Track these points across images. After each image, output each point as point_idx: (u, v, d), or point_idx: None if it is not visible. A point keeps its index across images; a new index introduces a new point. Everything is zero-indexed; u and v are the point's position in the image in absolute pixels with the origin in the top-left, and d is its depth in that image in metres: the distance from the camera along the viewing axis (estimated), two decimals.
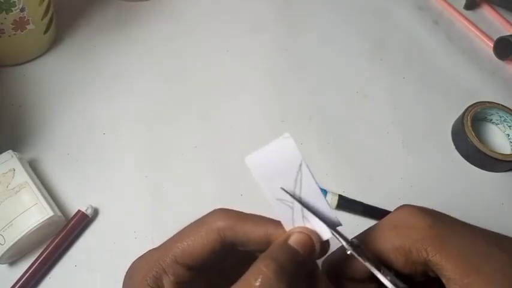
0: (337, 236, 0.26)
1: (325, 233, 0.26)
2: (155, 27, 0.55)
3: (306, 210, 0.26)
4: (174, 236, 0.27)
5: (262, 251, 0.26)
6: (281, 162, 0.25)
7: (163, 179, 0.44)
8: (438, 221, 0.27)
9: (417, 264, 0.26)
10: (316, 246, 0.25)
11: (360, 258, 0.25)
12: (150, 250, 0.28)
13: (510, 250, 0.26)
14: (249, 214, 0.27)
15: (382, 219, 0.29)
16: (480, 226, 0.44)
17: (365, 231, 0.29)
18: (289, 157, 0.25)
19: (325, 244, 0.26)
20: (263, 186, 0.26)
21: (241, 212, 0.27)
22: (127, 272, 0.28)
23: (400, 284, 0.25)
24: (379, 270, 0.25)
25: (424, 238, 0.26)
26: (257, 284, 0.22)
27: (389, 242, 0.27)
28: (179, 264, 0.26)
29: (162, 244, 0.27)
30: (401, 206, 0.29)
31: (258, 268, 0.23)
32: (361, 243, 0.27)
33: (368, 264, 0.25)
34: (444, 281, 0.26)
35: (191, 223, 0.27)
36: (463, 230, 0.27)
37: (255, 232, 0.26)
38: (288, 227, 0.26)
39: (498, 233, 0.28)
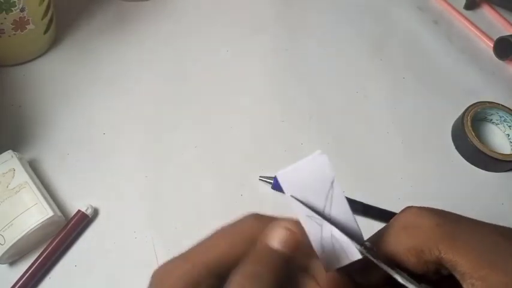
0: (350, 239, 0.25)
1: (352, 253, 0.25)
2: (155, 27, 0.55)
3: (334, 229, 0.26)
4: (203, 243, 0.25)
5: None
6: (313, 179, 0.25)
7: (163, 179, 0.44)
8: (445, 219, 0.27)
9: (429, 263, 0.27)
10: (301, 239, 0.24)
11: (375, 261, 0.25)
12: (175, 259, 0.25)
13: None
14: (282, 218, 0.26)
15: (389, 222, 0.29)
16: None
17: (374, 235, 0.29)
18: (321, 174, 0.25)
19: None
20: (293, 202, 0.25)
21: (275, 217, 0.26)
22: (150, 284, 0.25)
23: (416, 283, 0.25)
24: (394, 271, 0.26)
25: (434, 237, 0.26)
26: None
27: (400, 244, 0.27)
28: (213, 276, 0.24)
29: (189, 252, 0.25)
30: (406, 208, 0.29)
31: (234, 280, 0.22)
32: (373, 246, 0.27)
33: (384, 266, 0.25)
34: (459, 277, 0.26)
35: (222, 229, 0.25)
36: (469, 226, 0.27)
37: None
38: (315, 244, 0.26)
39: (502, 225, 0.28)
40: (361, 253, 0.25)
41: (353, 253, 0.25)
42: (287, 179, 0.25)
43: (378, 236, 0.28)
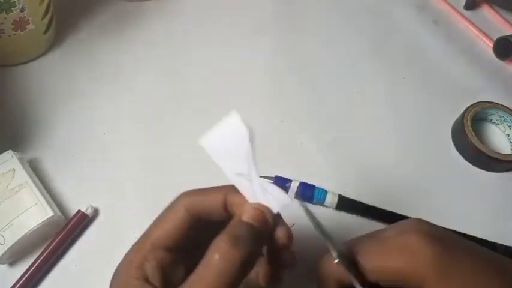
0: (329, 243, 0.27)
1: (284, 198, 0.27)
2: (155, 27, 0.55)
3: (264, 182, 0.27)
4: (149, 225, 0.29)
5: (227, 220, 0.28)
6: (232, 139, 0.28)
7: (163, 179, 0.44)
8: (446, 250, 0.27)
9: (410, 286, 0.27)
10: (269, 219, 0.27)
11: (346, 271, 0.27)
12: (132, 245, 0.29)
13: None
14: (210, 187, 0.29)
15: (390, 231, 0.29)
16: (480, 227, 0.44)
17: (369, 239, 0.29)
18: (239, 132, 0.28)
19: (277, 217, 0.28)
20: (221, 164, 0.28)
21: (203, 188, 0.30)
22: (114, 271, 0.29)
23: None
24: (363, 286, 0.26)
25: (428, 268, 0.26)
26: (216, 257, 0.24)
27: (393, 262, 0.27)
28: (157, 248, 0.27)
29: (140, 236, 0.29)
30: (413, 222, 0.29)
31: (216, 244, 0.25)
32: (358, 246, 0.28)
33: (352, 278, 0.26)
34: None
35: (162, 211, 0.29)
36: (470, 264, 0.27)
37: (215, 200, 0.28)
38: (250, 198, 0.28)
39: (505, 259, 0.28)
40: (335, 259, 0.27)
41: (284, 198, 0.28)
42: (210, 143, 0.28)
43: (370, 244, 0.29)
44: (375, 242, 0.29)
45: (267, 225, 0.27)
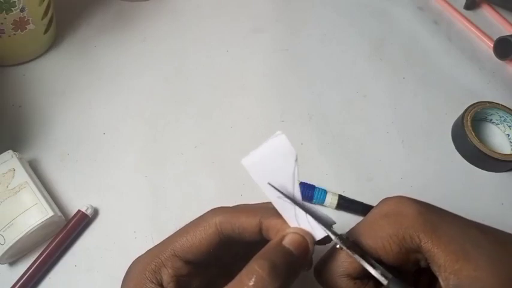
0: (327, 230, 0.26)
1: (317, 233, 0.26)
2: (155, 27, 0.55)
3: (308, 205, 0.26)
4: (174, 233, 0.28)
5: (258, 241, 0.27)
6: (277, 160, 0.26)
7: (163, 179, 0.44)
8: (428, 209, 0.27)
9: (410, 252, 0.27)
10: (310, 247, 0.26)
11: (349, 252, 0.26)
12: (148, 250, 0.29)
13: (499, 240, 0.26)
14: (243, 206, 0.28)
15: (372, 210, 0.29)
16: None
17: (357, 224, 0.29)
18: (284, 154, 0.26)
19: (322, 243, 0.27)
20: (263, 186, 0.26)
21: (237, 206, 0.28)
22: (128, 269, 0.28)
23: (389, 275, 0.25)
24: (368, 263, 0.25)
25: (416, 225, 0.26)
26: (251, 283, 0.23)
27: (382, 231, 0.27)
28: (178, 257, 0.27)
29: (162, 241, 0.28)
30: (385, 199, 0.29)
31: (252, 268, 0.24)
32: (351, 236, 0.27)
33: (357, 257, 0.26)
34: (435, 268, 0.26)
35: (191, 221, 0.28)
36: (453, 219, 0.27)
37: (249, 222, 0.27)
38: (292, 223, 0.27)
39: (487, 225, 0.28)
40: (337, 244, 0.26)
41: (317, 234, 0.26)
42: (253, 163, 0.26)
43: (360, 225, 0.28)
44: (363, 221, 0.29)
45: (308, 253, 0.26)
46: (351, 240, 0.27)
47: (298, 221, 0.26)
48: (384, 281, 0.25)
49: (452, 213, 0.28)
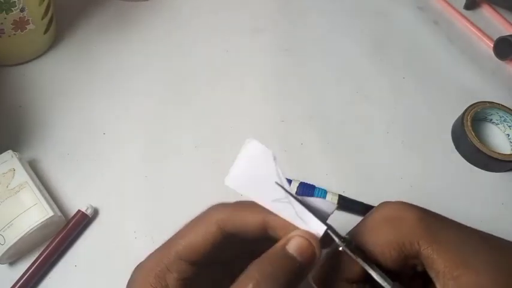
0: (331, 232, 0.25)
1: (321, 223, 0.26)
2: (155, 27, 0.55)
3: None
4: (174, 234, 0.27)
5: (262, 238, 0.26)
6: (257, 166, 0.26)
7: (163, 179, 0.44)
8: (428, 215, 0.27)
9: (409, 258, 0.26)
10: (316, 252, 0.25)
11: (352, 255, 0.25)
12: (151, 254, 0.28)
13: (499, 248, 0.26)
14: (245, 202, 0.27)
15: (370, 214, 0.29)
16: (480, 226, 0.44)
17: (356, 227, 0.29)
18: (261, 158, 0.26)
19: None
20: (254, 197, 0.26)
21: (238, 202, 0.27)
22: (130, 276, 0.27)
23: (390, 281, 0.25)
24: (370, 267, 0.25)
25: (416, 231, 0.26)
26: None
27: (382, 236, 0.26)
28: (182, 260, 0.26)
29: (163, 244, 0.27)
30: (384, 202, 0.29)
31: (251, 274, 0.23)
32: (353, 239, 0.27)
33: (360, 261, 0.25)
34: (433, 275, 0.26)
35: (190, 220, 0.28)
36: (453, 226, 0.27)
37: (252, 219, 0.26)
38: (296, 222, 0.26)
39: (487, 233, 0.28)
40: (341, 247, 0.25)
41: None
42: (236, 180, 0.26)
43: (359, 228, 0.28)
44: (362, 224, 0.28)
45: (314, 259, 0.24)
46: (354, 244, 0.26)
47: (302, 217, 0.26)
48: (388, 287, 0.25)
49: (452, 220, 0.28)
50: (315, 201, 0.26)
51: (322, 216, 0.26)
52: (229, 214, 0.27)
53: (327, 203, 0.26)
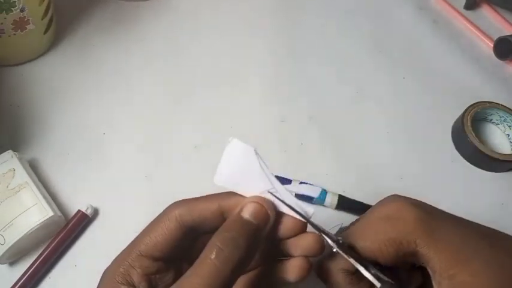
0: (324, 235, 0.27)
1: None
2: (154, 26, 0.55)
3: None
4: (138, 235, 0.29)
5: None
6: (241, 163, 0.27)
7: (164, 179, 0.44)
8: (428, 214, 0.27)
9: (407, 256, 0.27)
10: (269, 213, 0.26)
11: (345, 255, 0.26)
12: (117, 255, 0.29)
13: (500, 246, 0.26)
14: (202, 196, 0.29)
15: (371, 210, 0.29)
16: None
17: (356, 223, 0.29)
18: (244, 154, 0.27)
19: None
20: (242, 191, 0.28)
21: (195, 197, 0.29)
22: (98, 282, 0.28)
23: (385, 278, 0.25)
24: (363, 265, 0.26)
25: (414, 230, 0.26)
26: (212, 257, 0.24)
27: (380, 234, 0.27)
28: (144, 256, 0.27)
29: (126, 246, 0.29)
30: (390, 197, 0.29)
31: (212, 243, 0.24)
32: (349, 236, 0.28)
33: (352, 261, 0.26)
34: (431, 273, 0.26)
35: (153, 219, 0.29)
36: (453, 223, 0.28)
37: (208, 209, 0.27)
38: (286, 210, 0.27)
39: (489, 228, 0.28)
40: (334, 249, 0.27)
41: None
42: (225, 178, 0.28)
43: (358, 224, 0.29)
44: (361, 221, 0.29)
45: (268, 220, 0.26)
46: (347, 245, 0.27)
47: (294, 202, 0.27)
48: (378, 284, 0.25)
49: (453, 216, 0.28)
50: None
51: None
52: (186, 208, 0.28)
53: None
